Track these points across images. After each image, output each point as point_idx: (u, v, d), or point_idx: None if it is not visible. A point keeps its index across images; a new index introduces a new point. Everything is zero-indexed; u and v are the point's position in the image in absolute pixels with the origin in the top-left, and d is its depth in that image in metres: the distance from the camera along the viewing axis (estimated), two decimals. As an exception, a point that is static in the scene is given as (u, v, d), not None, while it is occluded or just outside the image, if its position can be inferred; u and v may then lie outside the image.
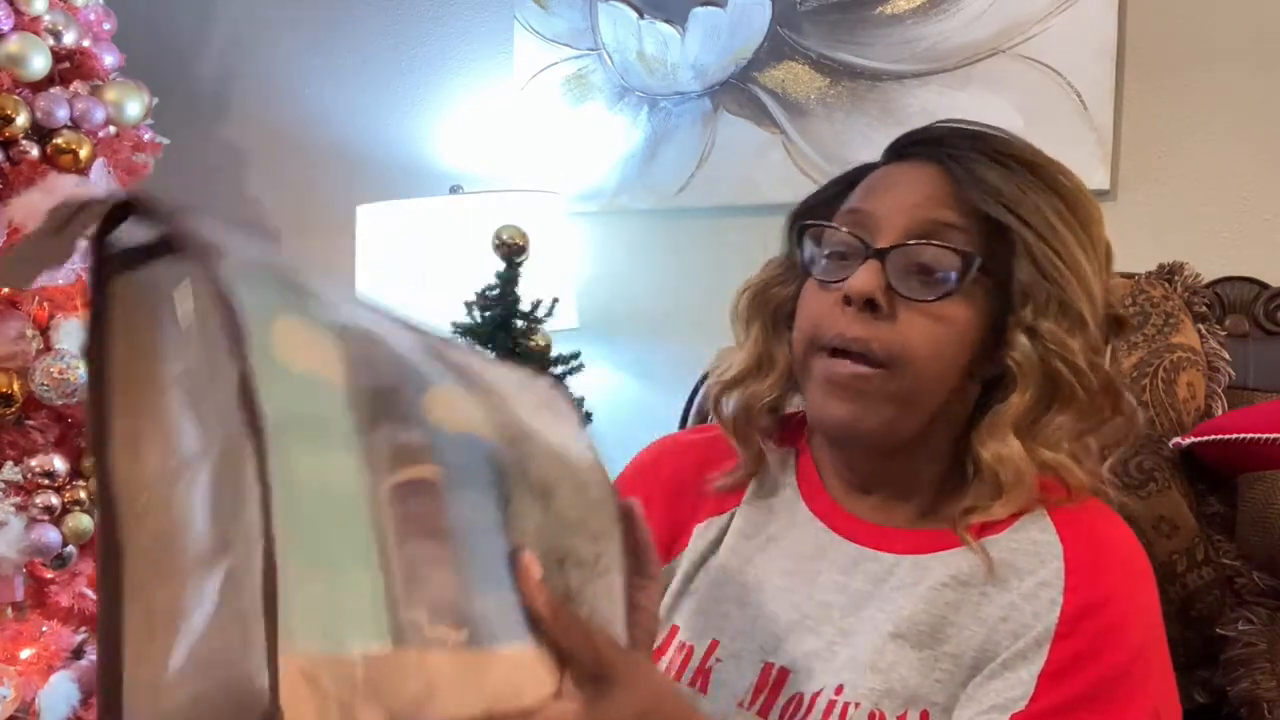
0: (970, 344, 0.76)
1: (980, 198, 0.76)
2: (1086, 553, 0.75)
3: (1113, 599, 0.73)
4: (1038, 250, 0.75)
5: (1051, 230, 0.76)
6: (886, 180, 0.83)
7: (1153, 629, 0.75)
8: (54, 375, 1.65)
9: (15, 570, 1.73)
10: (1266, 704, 1.05)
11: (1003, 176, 0.77)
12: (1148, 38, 1.61)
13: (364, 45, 2.21)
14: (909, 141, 0.86)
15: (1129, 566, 0.77)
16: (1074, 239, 0.76)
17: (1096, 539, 0.77)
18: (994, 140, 0.81)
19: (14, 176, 1.69)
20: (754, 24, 1.83)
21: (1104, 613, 0.73)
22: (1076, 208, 0.79)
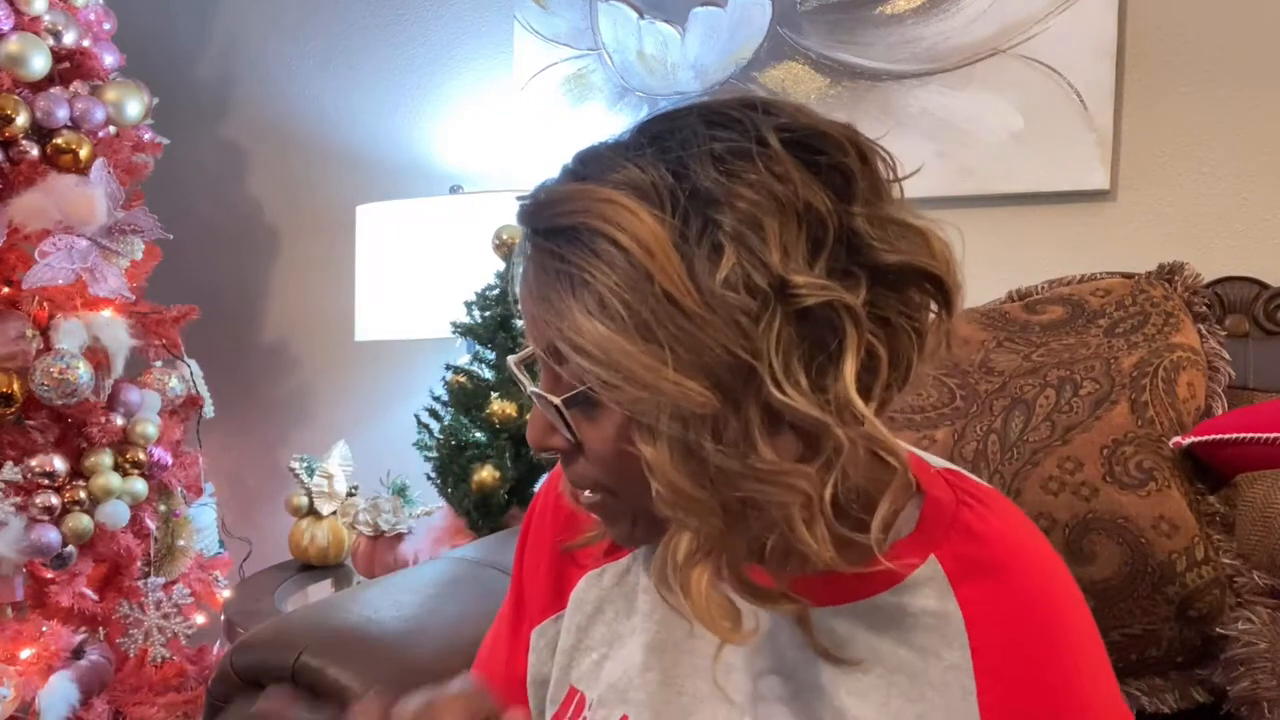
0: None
1: (537, 310, 0.61)
2: (990, 621, 0.65)
3: (1028, 683, 0.64)
4: (582, 370, 0.58)
5: (580, 334, 0.57)
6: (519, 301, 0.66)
7: (1087, 670, 0.66)
8: (54, 375, 1.65)
9: (15, 570, 1.73)
10: (1267, 703, 1.05)
11: (539, 274, 0.60)
12: (1148, 38, 1.61)
13: (364, 45, 2.21)
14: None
15: (1047, 621, 0.65)
16: (612, 325, 0.56)
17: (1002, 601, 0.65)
18: (538, 213, 0.61)
19: (14, 176, 1.69)
20: (754, 24, 1.83)
21: (1025, 704, 0.64)
22: (616, 259, 0.56)
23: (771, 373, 0.56)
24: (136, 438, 1.80)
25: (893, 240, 0.59)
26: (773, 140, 0.58)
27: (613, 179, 0.58)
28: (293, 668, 1.03)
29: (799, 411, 0.56)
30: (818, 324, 0.57)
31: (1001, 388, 1.27)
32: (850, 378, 0.57)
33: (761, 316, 0.56)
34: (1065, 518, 1.16)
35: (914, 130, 1.72)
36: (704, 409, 0.56)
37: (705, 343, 0.56)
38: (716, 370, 0.56)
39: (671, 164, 0.58)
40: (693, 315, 0.55)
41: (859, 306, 0.57)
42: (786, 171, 0.57)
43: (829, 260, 0.57)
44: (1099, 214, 1.65)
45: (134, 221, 1.79)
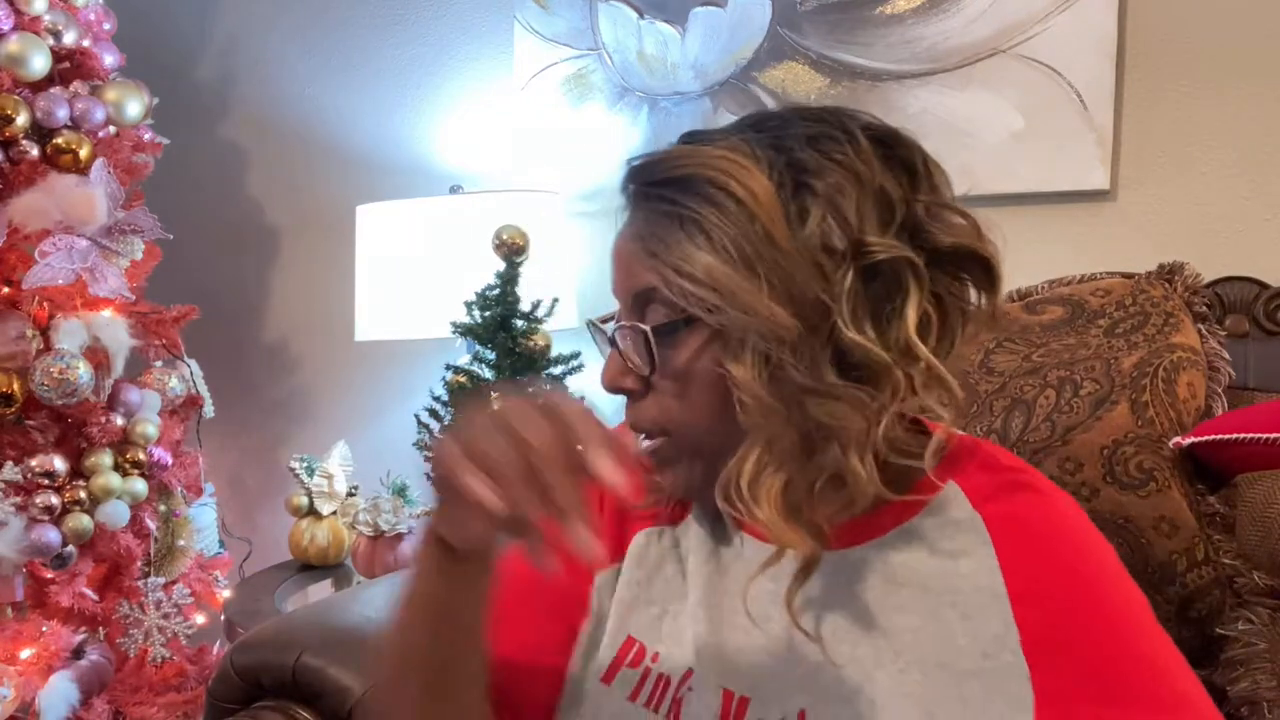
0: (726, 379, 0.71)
1: (642, 251, 0.72)
2: (1006, 515, 0.73)
3: (1047, 553, 0.71)
4: (686, 295, 0.69)
5: (690, 262, 0.68)
6: (613, 253, 0.78)
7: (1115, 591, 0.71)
8: (54, 375, 1.65)
9: (15, 570, 1.73)
10: (1267, 704, 1.05)
11: (649, 218, 0.72)
12: (1148, 38, 1.61)
13: (364, 45, 2.21)
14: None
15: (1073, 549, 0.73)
16: (718, 256, 0.67)
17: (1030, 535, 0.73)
18: (651, 168, 0.73)
19: (14, 176, 1.69)
20: (754, 24, 1.83)
21: (1048, 571, 0.70)
22: (726, 203, 0.68)
23: (843, 314, 0.67)
24: (136, 438, 1.80)
25: (948, 227, 0.71)
26: (858, 132, 0.70)
27: (724, 144, 0.71)
28: (293, 668, 1.03)
29: (863, 348, 0.67)
30: (884, 278, 0.68)
31: (1001, 388, 1.27)
32: (911, 324, 0.67)
33: (840, 267, 0.67)
34: (1065, 518, 1.16)
35: (914, 130, 1.72)
36: (788, 333, 0.66)
37: (795, 278, 0.67)
38: (801, 303, 0.67)
39: (771, 140, 0.70)
40: (786, 254, 0.67)
41: (914, 268, 0.68)
42: (868, 157, 0.69)
43: (894, 237, 0.68)
44: (1099, 214, 1.65)
45: (134, 221, 1.79)
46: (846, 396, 0.67)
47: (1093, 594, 0.70)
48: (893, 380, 0.68)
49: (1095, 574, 0.71)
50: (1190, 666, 0.70)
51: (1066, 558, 0.71)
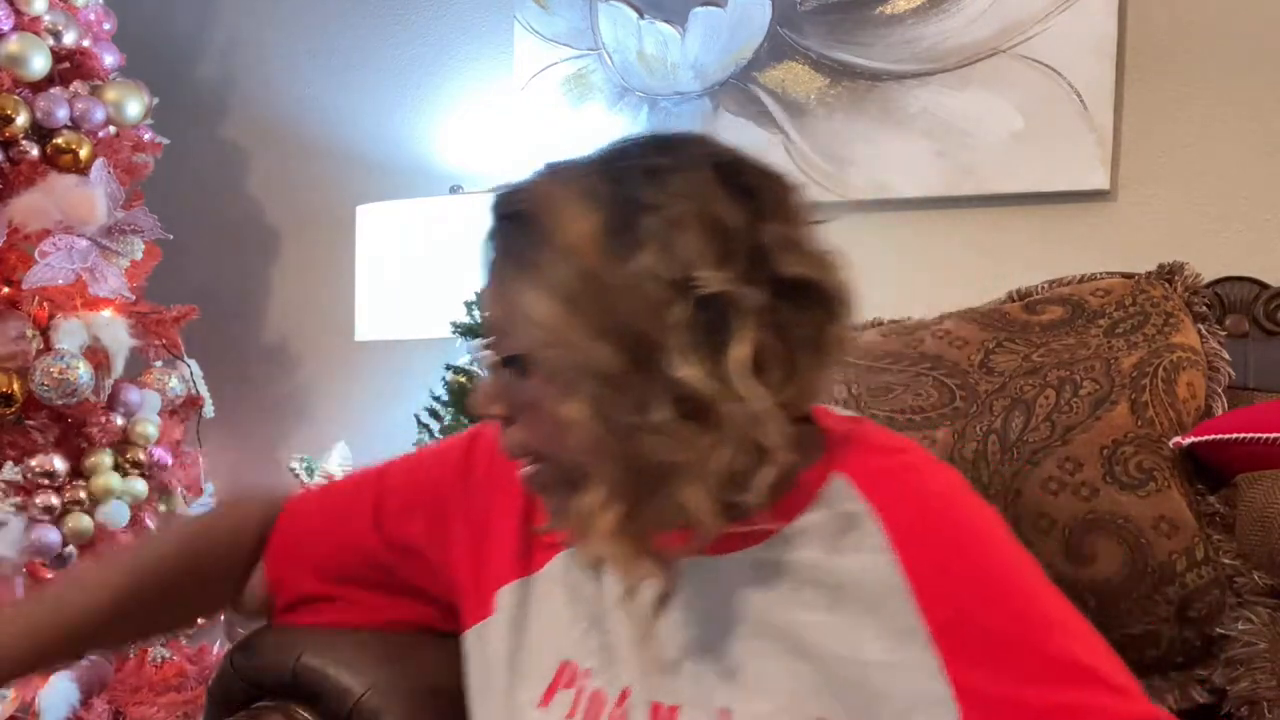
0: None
1: (489, 284, 0.76)
2: (894, 501, 0.74)
3: (940, 533, 0.73)
4: (520, 333, 0.72)
5: (521, 301, 0.70)
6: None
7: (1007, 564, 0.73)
8: (54, 375, 1.65)
9: (15, 570, 1.73)
10: (1267, 703, 1.05)
11: (494, 252, 0.76)
12: (1148, 38, 1.61)
13: (364, 45, 2.21)
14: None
15: (959, 527, 0.74)
16: (545, 296, 0.69)
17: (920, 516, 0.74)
18: (502, 200, 0.77)
19: (14, 176, 1.69)
20: (754, 24, 1.83)
21: (943, 552, 0.72)
22: (553, 242, 0.69)
23: (672, 349, 0.67)
24: (136, 438, 1.80)
25: (794, 256, 0.70)
26: (703, 162, 0.71)
27: (563, 178, 0.73)
28: (293, 668, 1.03)
29: (689, 384, 0.67)
30: (717, 312, 0.67)
31: (1001, 388, 1.27)
32: (738, 358, 0.67)
33: (670, 302, 0.67)
34: (1065, 518, 1.16)
35: (914, 130, 1.72)
36: (613, 369, 0.67)
37: (619, 316, 0.67)
38: (627, 340, 0.67)
39: (614, 173, 0.71)
40: (610, 291, 0.67)
41: (749, 300, 0.67)
42: (709, 188, 0.69)
43: (735, 267, 0.68)
44: (1099, 214, 1.65)
45: (134, 221, 1.79)
46: (675, 433, 0.68)
47: (992, 575, 0.71)
48: (723, 415, 0.67)
49: (990, 552, 0.72)
50: (1088, 622, 0.73)
51: (961, 541, 0.72)
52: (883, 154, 1.75)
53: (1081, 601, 1.13)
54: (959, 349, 1.33)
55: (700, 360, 0.67)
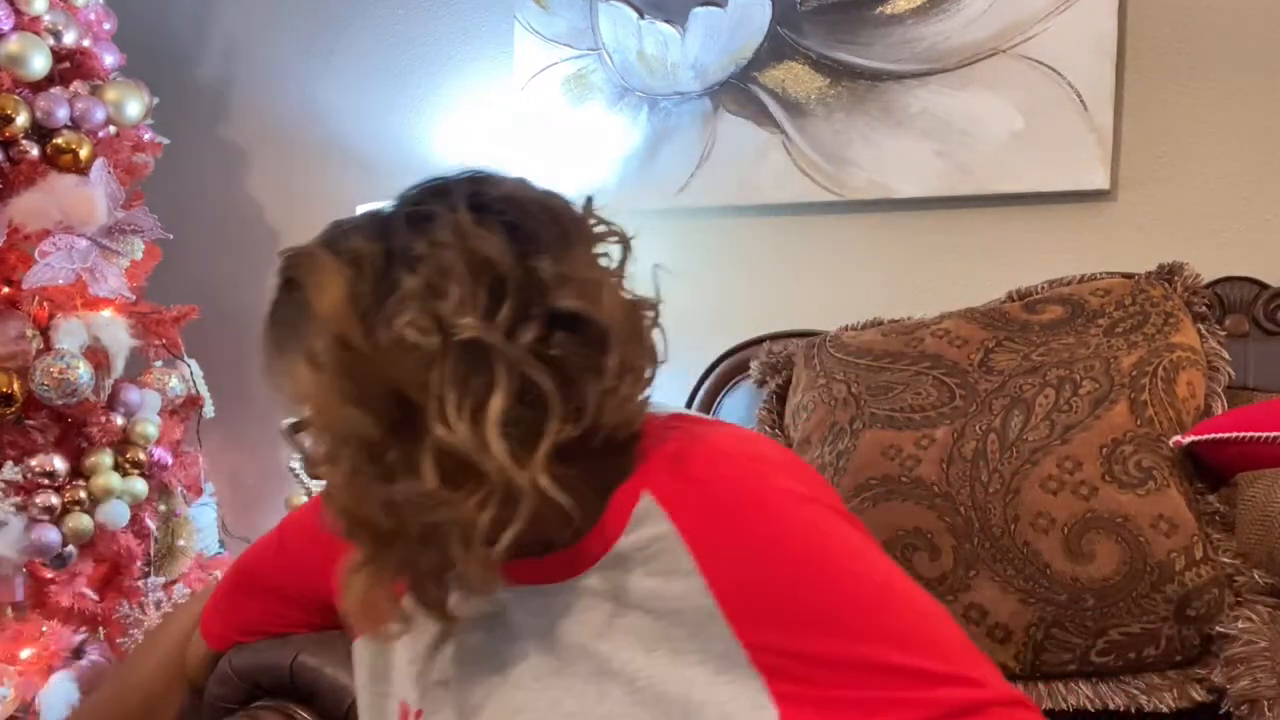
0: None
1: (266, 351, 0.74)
2: (698, 521, 0.71)
3: (745, 552, 0.70)
4: (286, 400, 0.72)
5: (282, 369, 0.70)
6: None
7: (792, 523, 0.70)
8: (54, 375, 1.65)
9: (15, 570, 1.73)
10: (1266, 702, 1.05)
11: (269, 317, 0.74)
12: (1148, 38, 1.61)
13: (364, 45, 2.21)
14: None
15: (736, 505, 0.71)
16: (303, 364, 0.68)
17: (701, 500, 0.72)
18: (281, 264, 0.74)
19: (14, 176, 1.69)
20: (754, 24, 1.83)
21: (752, 569, 0.69)
22: (309, 309, 0.68)
23: (438, 407, 0.65)
24: (136, 438, 1.80)
25: (567, 288, 0.67)
26: (461, 206, 0.68)
27: (330, 240, 0.71)
28: (290, 667, 1.03)
29: (452, 444, 0.64)
30: (476, 364, 0.65)
31: (1001, 387, 1.27)
32: (494, 413, 0.64)
33: (433, 359, 0.65)
34: (1064, 517, 1.16)
35: (914, 130, 1.72)
36: (366, 435, 0.66)
37: (370, 378, 0.65)
38: (381, 403, 0.66)
39: (378, 229, 0.69)
40: (362, 356, 0.65)
41: (506, 345, 0.65)
42: (469, 231, 0.67)
43: (511, 306, 0.66)
44: (1099, 214, 1.65)
45: (134, 221, 1.79)
46: (433, 498, 0.65)
47: (800, 588, 0.68)
48: (484, 471, 0.65)
49: (798, 560, 0.69)
50: (920, 601, 0.70)
51: (765, 556, 0.69)
52: (883, 154, 1.75)
53: (1080, 600, 1.13)
54: (959, 348, 1.33)
55: (462, 417, 0.64)
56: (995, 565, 1.17)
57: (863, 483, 1.26)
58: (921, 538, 1.20)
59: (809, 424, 1.38)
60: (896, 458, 1.25)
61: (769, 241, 1.88)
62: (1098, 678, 1.16)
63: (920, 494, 1.22)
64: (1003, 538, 1.18)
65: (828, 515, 0.72)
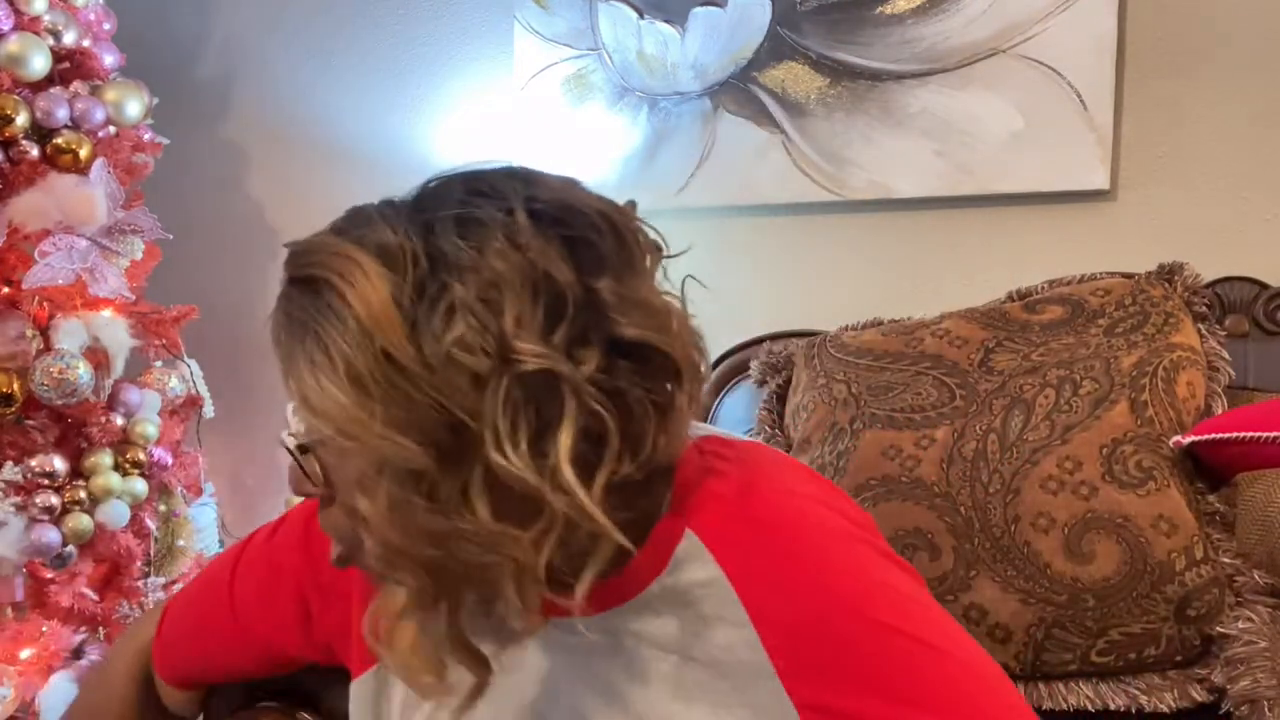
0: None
1: (278, 359, 0.65)
2: (748, 567, 0.66)
3: (799, 605, 0.64)
4: (308, 419, 0.61)
5: (305, 383, 0.60)
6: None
7: (861, 585, 0.65)
8: (54, 375, 1.65)
9: (15, 570, 1.73)
10: (1267, 702, 1.05)
11: (281, 321, 0.63)
12: (1148, 37, 1.61)
13: (364, 45, 2.21)
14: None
15: (796, 551, 0.66)
16: (334, 379, 0.59)
17: (752, 544, 0.66)
18: (293, 259, 0.64)
19: (14, 176, 1.69)
20: (754, 24, 1.83)
21: (807, 624, 0.64)
22: (344, 315, 0.59)
23: (494, 435, 0.57)
24: (136, 438, 1.80)
25: (632, 315, 0.61)
26: (519, 211, 0.60)
27: (360, 235, 0.61)
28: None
29: (514, 475, 0.57)
30: (541, 391, 0.58)
31: (1001, 387, 1.27)
32: (565, 448, 0.58)
33: (489, 381, 0.57)
34: (1064, 517, 1.16)
35: (914, 130, 1.72)
36: (414, 464, 0.58)
37: (420, 401, 0.57)
38: (432, 429, 0.58)
39: (421, 227, 0.60)
40: (410, 374, 0.57)
41: (577, 376, 0.58)
42: (528, 242, 0.59)
43: (569, 329, 0.58)
44: (1099, 214, 1.65)
45: (134, 221, 1.79)
46: (490, 534, 0.59)
47: (856, 649, 0.63)
48: (548, 507, 0.59)
49: (851, 614, 0.64)
50: (969, 638, 0.67)
51: (821, 608, 0.64)
52: (883, 154, 1.75)
53: (1081, 600, 1.13)
54: (959, 348, 1.33)
55: (522, 448, 0.58)
56: (995, 565, 1.17)
57: (863, 483, 1.26)
58: (921, 538, 1.20)
59: (809, 424, 1.38)
60: (896, 458, 1.25)
61: (769, 241, 1.88)
62: (1098, 678, 1.16)
63: (920, 494, 1.22)
64: (1003, 538, 1.18)
65: (882, 563, 0.67)
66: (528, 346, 0.57)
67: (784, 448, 1.46)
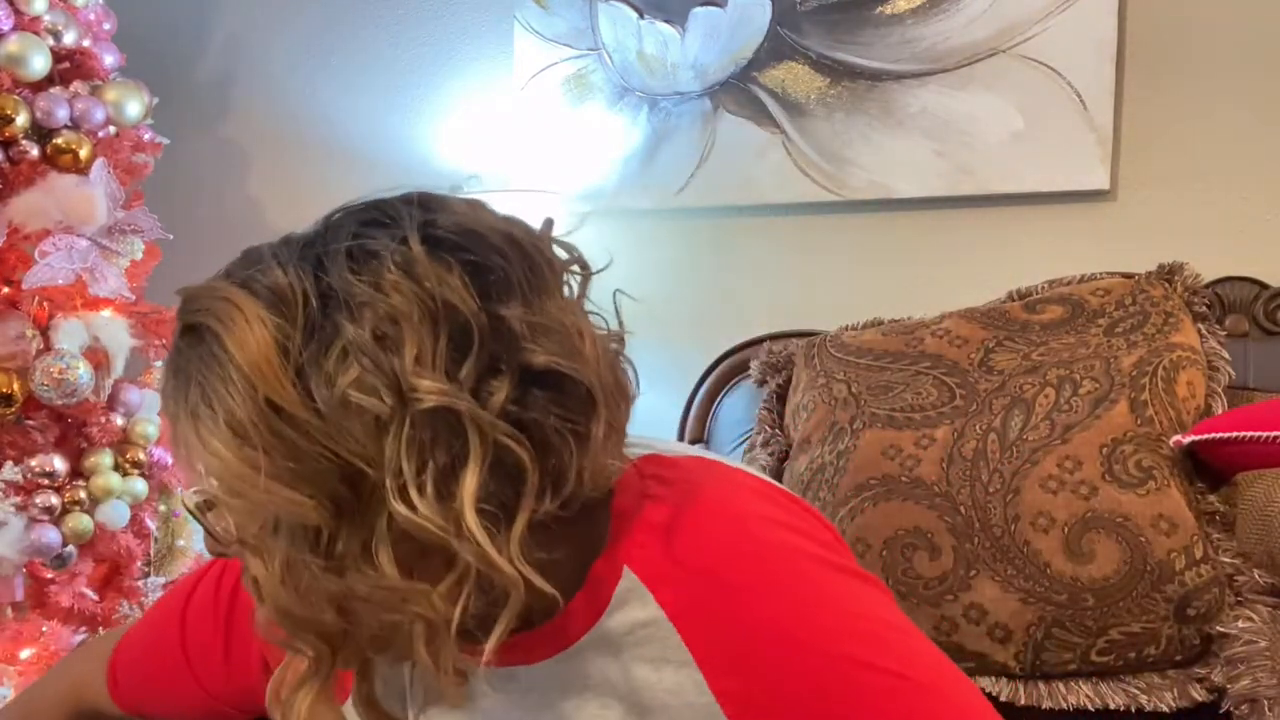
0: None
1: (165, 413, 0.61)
2: (689, 603, 0.63)
3: (745, 641, 0.61)
4: (196, 475, 0.58)
5: (188, 438, 0.57)
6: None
7: (814, 619, 0.61)
8: (54, 375, 1.65)
9: (15, 570, 1.73)
10: (1267, 701, 1.05)
11: (169, 371, 0.60)
12: (1148, 37, 1.61)
13: (364, 45, 2.21)
14: None
15: (739, 586, 0.62)
16: (217, 433, 0.55)
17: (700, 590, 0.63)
18: (182, 306, 0.60)
19: (14, 176, 1.69)
20: (754, 24, 1.83)
21: (755, 661, 0.61)
22: (226, 364, 0.55)
23: (396, 482, 0.54)
24: (136, 438, 1.80)
25: (542, 342, 0.57)
26: (414, 240, 0.56)
27: (248, 277, 0.57)
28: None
29: (417, 525, 0.54)
30: (443, 431, 0.54)
31: (1001, 387, 1.27)
32: (469, 491, 0.54)
33: (389, 424, 0.54)
34: (1064, 516, 1.16)
35: (914, 130, 1.72)
36: (308, 520, 0.54)
37: (310, 451, 0.54)
38: (326, 480, 0.54)
39: (313, 263, 0.56)
40: (299, 423, 0.54)
41: (480, 412, 0.54)
42: (425, 271, 0.55)
43: (476, 362, 0.55)
44: (1099, 214, 1.65)
45: (134, 221, 1.79)
46: (396, 595, 0.55)
47: (809, 685, 0.60)
48: (457, 557, 0.55)
49: (812, 648, 0.60)
50: (942, 657, 0.64)
51: (769, 642, 0.61)
52: (883, 154, 1.75)
53: (1080, 600, 1.13)
54: (959, 348, 1.33)
55: (428, 493, 0.54)
56: (995, 565, 1.17)
57: (863, 482, 1.26)
58: (921, 537, 1.20)
59: (809, 424, 1.38)
60: (896, 457, 1.25)
61: (769, 241, 1.88)
62: (1098, 677, 1.16)
63: (920, 494, 1.22)
64: (1003, 537, 1.18)
65: (844, 583, 0.63)
66: (426, 383, 0.53)
67: (784, 447, 1.46)
